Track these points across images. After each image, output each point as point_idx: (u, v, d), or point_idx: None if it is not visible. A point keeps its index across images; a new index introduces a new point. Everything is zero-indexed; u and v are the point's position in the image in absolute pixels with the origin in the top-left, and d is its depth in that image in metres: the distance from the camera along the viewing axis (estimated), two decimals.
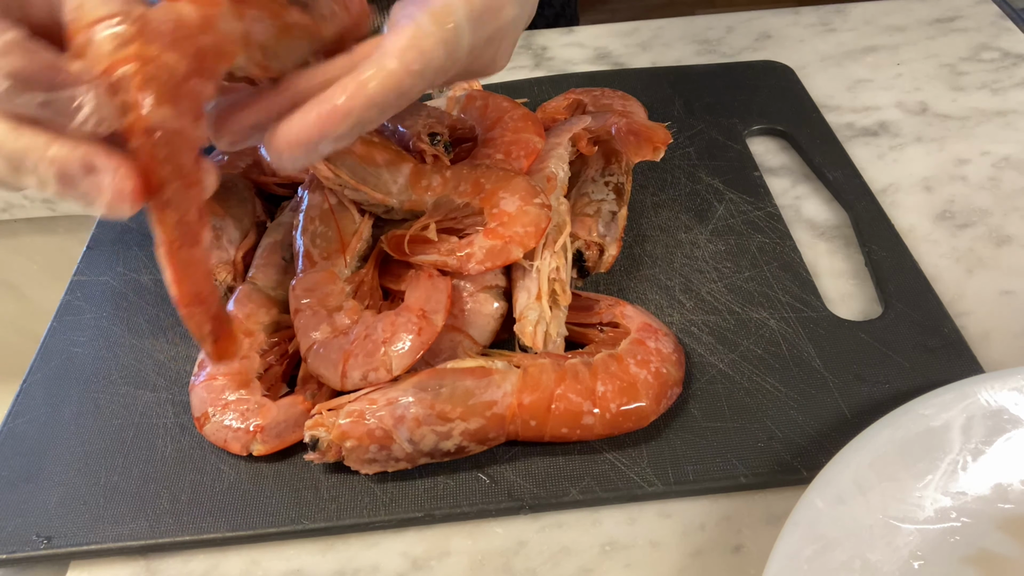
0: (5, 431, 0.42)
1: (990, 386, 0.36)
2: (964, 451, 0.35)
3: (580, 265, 0.45)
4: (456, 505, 0.37)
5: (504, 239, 0.41)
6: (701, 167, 0.55)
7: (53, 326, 0.47)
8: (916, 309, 0.44)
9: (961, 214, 0.51)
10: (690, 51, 0.68)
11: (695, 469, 0.38)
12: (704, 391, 0.41)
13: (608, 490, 0.37)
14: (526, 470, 0.38)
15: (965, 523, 0.34)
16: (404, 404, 0.37)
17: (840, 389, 0.40)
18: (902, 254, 0.47)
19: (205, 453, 0.40)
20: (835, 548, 0.32)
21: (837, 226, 0.51)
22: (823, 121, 0.58)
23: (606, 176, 0.49)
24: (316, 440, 0.36)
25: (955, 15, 0.69)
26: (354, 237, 0.44)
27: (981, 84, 0.61)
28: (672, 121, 0.58)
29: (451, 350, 0.41)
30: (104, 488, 0.39)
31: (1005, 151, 0.55)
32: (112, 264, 0.51)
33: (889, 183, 0.54)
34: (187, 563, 0.37)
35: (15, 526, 0.37)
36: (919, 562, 0.33)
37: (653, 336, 0.41)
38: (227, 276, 0.45)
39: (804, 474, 0.37)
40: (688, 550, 0.36)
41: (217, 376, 0.40)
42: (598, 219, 0.46)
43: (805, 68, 0.64)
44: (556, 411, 0.37)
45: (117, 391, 0.43)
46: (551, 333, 0.41)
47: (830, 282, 0.47)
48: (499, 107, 0.50)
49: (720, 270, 0.47)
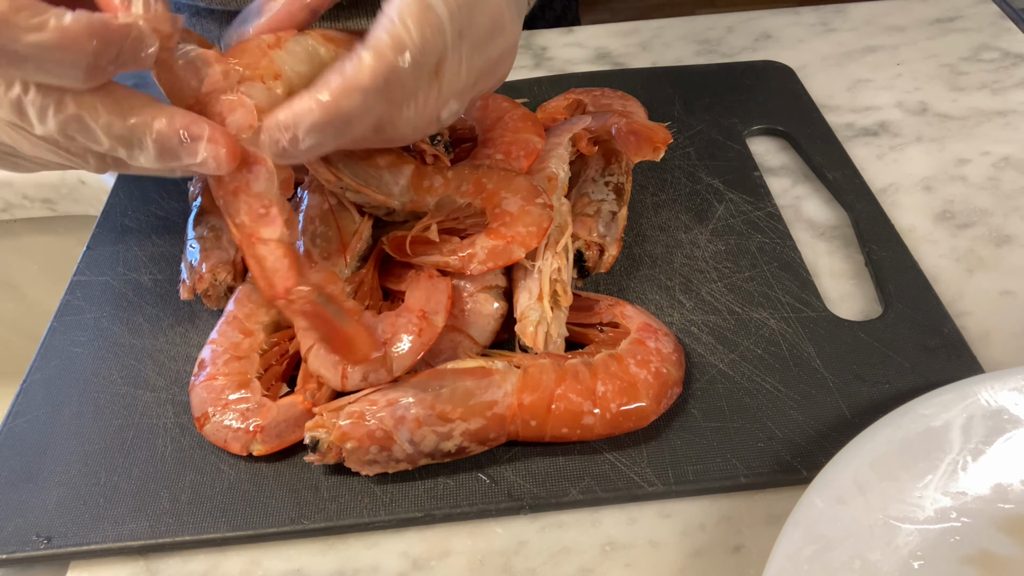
0: (5, 431, 0.42)
1: (990, 386, 0.36)
2: (964, 451, 0.35)
3: (580, 265, 0.45)
4: (456, 505, 0.37)
5: (506, 239, 0.41)
6: (701, 167, 0.55)
7: (53, 326, 0.47)
8: (916, 309, 0.44)
9: (961, 214, 0.51)
10: (690, 51, 0.68)
11: (695, 469, 0.38)
12: (704, 391, 0.41)
13: (608, 490, 0.37)
14: (526, 470, 0.38)
15: (965, 523, 0.34)
16: (405, 405, 0.37)
17: (840, 389, 0.40)
18: (902, 254, 0.47)
19: (205, 453, 0.40)
20: (835, 548, 0.32)
21: (837, 226, 0.51)
22: (823, 121, 0.58)
23: (606, 176, 0.49)
24: (316, 441, 0.36)
25: (955, 15, 0.69)
26: (354, 237, 0.44)
27: (981, 84, 0.61)
28: (672, 121, 0.58)
29: (451, 350, 0.41)
30: (104, 488, 0.39)
31: (1005, 151, 0.55)
32: (112, 264, 0.51)
33: (889, 183, 0.54)
34: (187, 563, 0.37)
35: (15, 526, 0.37)
36: (919, 562, 0.33)
37: (653, 336, 0.41)
38: (227, 276, 0.45)
39: (804, 474, 0.37)
40: (688, 550, 0.36)
41: (217, 376, 0.40)
42: (598, 219, 0.46)
43: (805, 68, 0.64)
44: (556, 411, 0.37)
45: (117, 391, 0.43)
46: (552, 333, 0.41)
47: (830, 282, 0.47)
48: (499, 107, 0.50)
49: (720, 270, 0.47)
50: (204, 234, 0.47)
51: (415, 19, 0.32)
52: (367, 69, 0.31)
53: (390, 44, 0.31)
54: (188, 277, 0.45)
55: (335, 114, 0.32)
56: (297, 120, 0.32)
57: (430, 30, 0.32)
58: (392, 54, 0.31)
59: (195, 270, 0.45)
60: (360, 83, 0.31)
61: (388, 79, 0.32)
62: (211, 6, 0.68)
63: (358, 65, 0.31)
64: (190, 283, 0.45)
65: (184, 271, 0.46)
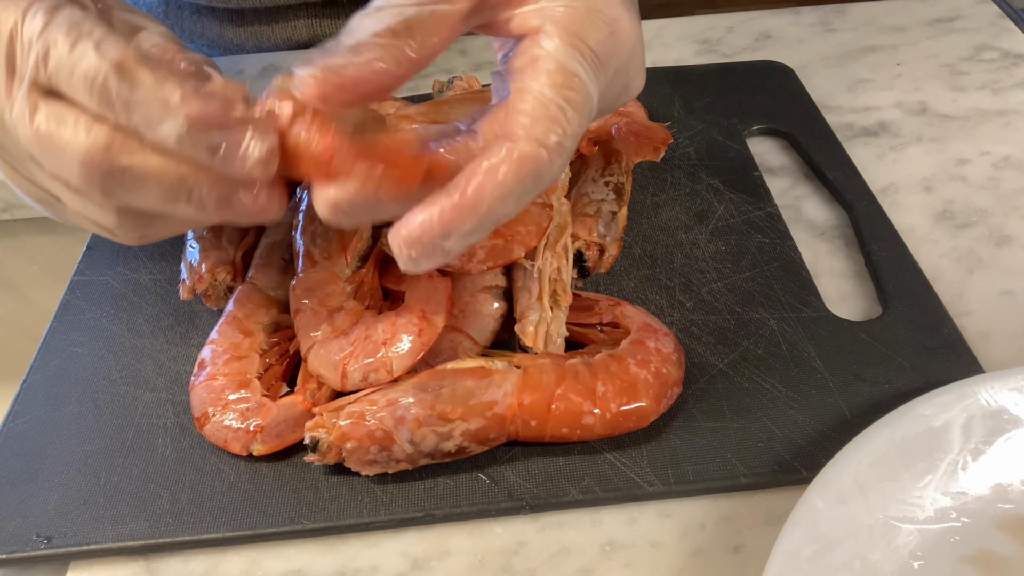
0: (5, 431, 0.42)
1: (990, 386, 0.36)
2: (964, 451, 0.35)
3: (580, 265, 0.45)
4: (456, 505, 0.37)
5: (506, 238, 0.41)
6: (701, 167, 0.54)
7: (53, 326, 0.47)
8: (916, 309, 0.44)
9: (961, 214, 0.51)
10: (690, 51, 0.68)
11: (695, 469, 0.38)
12: (704, 391, 0.41)
13: (608, 490, 0.37)
14: (526, 470, 0.38)
15: (965, 523, 0.34)
16: (405, 405, 0.37)
17: (840, 389, 0.40)
18: (902, 254, 0.47)
19: (205, 453, 0.40)
20: (835, 548, 0.32)
21: (837, 226, 0.51)
22: (823, 121, 0.58)
23: (606, 176, 0.49)
24: (316, 441, 0.36)
25: (955, 15, 0.69)
26: (355, 237, 0.44)
27: (981, 84, 0.61)
28: (672, 121, 0.58)
29: (451, 350, 0.41)
30: (104, 488, 0.39)
31: (1005, 151, 0.55)
32: (112, 264, 0.51)
33: (889, 183, 0.54)
34: (187, 563, 0.37)
35: (15, 526, 0.37)
36: (919, 562, 0.33)
37: (653, 336, 0.41)
38: (227, 276, 0.45)
39: (804, 474, 0.37)
40: (688, 550, 0.36)
41: (217, 376, 0.40)
42: (598, 219, 0.46)
43: (805, 68, 0.64)
44: (556, 411, 0.37)
45: (117, 391, 0.43)
46: (551, 333, 0.41)
47: (830, 282, 0.47)
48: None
49: (720, 270, 0.47)
50: (204, 234, 0.47)
51: (562, 93, 0.27)
52: (514, 172, 0.27)
53: (539, 132, 0.27)
54: (188, 277, 0.45)
55: (488, 216, 0.27)
56: (453, 227, 0.27)
57: (580, 100, 0.28)
58: (536, 147, 0.27)
59: (195, 270, 0.45)
60: (509, 190, 0.27)
61: (537, 176, 0.27)
62: (212, 4, 0.68)
63: (503, 164, 0.27)
64: (190, 283, 0.45)
65: (184, 271, 0.46)
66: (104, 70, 0.27)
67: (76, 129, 0.28)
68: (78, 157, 0.28)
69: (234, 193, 0.30)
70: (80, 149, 0.28)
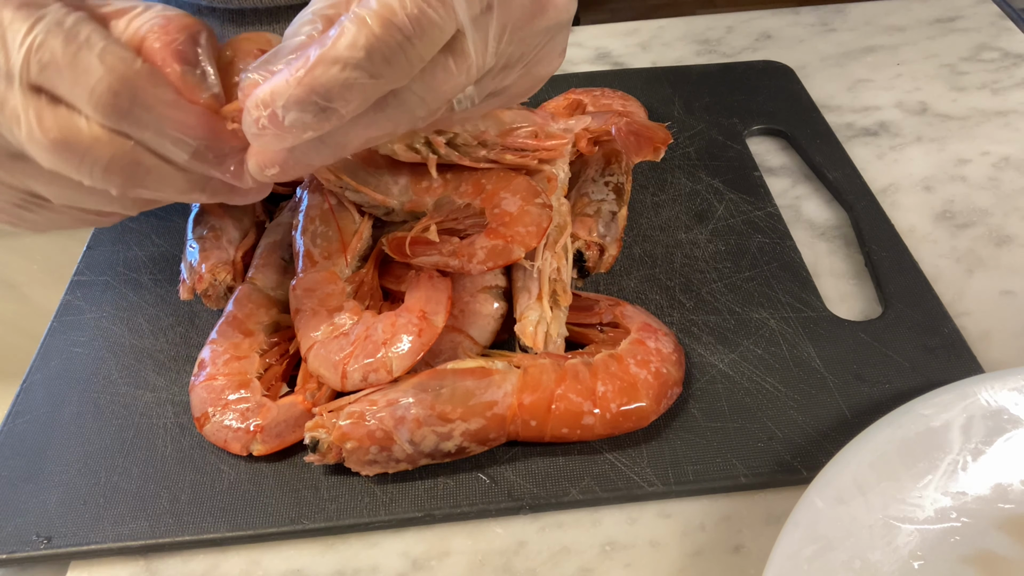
0: (5, 431, 0.42)
1: (990, 386, 0.36)
2: (964, 451, 0.35)
3: (580, 265, 0.45)
4: (456, 505, 0.37)
5: (506, 239, 0.41)
6: (701, 167, 0.54)
7: (53, 326, 0.47)
8: (916, 309, 0.44)
9: (961, 214, 0.51)
10: (690, 51, 0.68)
11: (695, 469, 0.38)
12: (704, 391, 0.41)
13: (608, 490, 0.37)
14: (526, 470, 0.38)
15: (965, 523, 0.34)
16: (405, 405, 0.37)
17: (840, 389, 0.40)
18: (902, 254, 0.47)
19: (205, 453, 0.40)
20: (835, 548, 0.32)
21: (837, 226, 0.51)
22: (823, 121, 0.58)
23: (606, 176, 0.49)
24: (316, 442, 0.36)
25: (955, 15, 0.69)
26: (355, 237, 0.44)
27: (981, 84, 0.61)
28: (672, 121, 0.58)
29: (451, 351, 0.41)
30: (104, 488, 0.39)
31: (1005, 151, 0.55)
32: (112, 264, 0.51)
33: (889, 183, 0.54)
34: (187, 563, 0.37)
35: (15, 526, 0.37)
36: (919, 562, 0.33)
37: (653, 336, 0.41)
38: (227, 276, 0.45)
39: (804, 474, 0.37)
40: (688, 550, 0.36)
41: (217, 376, 0.40)
42: (598, 219, 0.46)
43: (805, 68, 0.64)
44: (556, 411, 0.37)
45: (117, 391, 0.43)
46: (551, 333, 0.41)
47: (830, 282, 0.47)
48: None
49: (720, 270, 0.47)
50: (204, 234, 0.47)
51: None
52: (345, 39, 0.28)
53: (376, 12, 0.28)
54: (188, 277, 0.45)
55: (312, 88, 0.28)
56: (275, 95, 0.29)
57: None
58: (377, 24, 0.28)
59: (195, 270, 0.45)
60: (337, 55, 0.28)
61: (372, 50, 0.28)
62: (212, 4, 0.68)
63: (337, 35, 0.28)
64: (190, 283, 0.45)
65: (184, 271, 0.46)
66: (111, 87, 0.28)
67: (91, 127, 0.29)
68: (101, 163, 0.29)
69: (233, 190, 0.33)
70: (105, 154, 0.29)
